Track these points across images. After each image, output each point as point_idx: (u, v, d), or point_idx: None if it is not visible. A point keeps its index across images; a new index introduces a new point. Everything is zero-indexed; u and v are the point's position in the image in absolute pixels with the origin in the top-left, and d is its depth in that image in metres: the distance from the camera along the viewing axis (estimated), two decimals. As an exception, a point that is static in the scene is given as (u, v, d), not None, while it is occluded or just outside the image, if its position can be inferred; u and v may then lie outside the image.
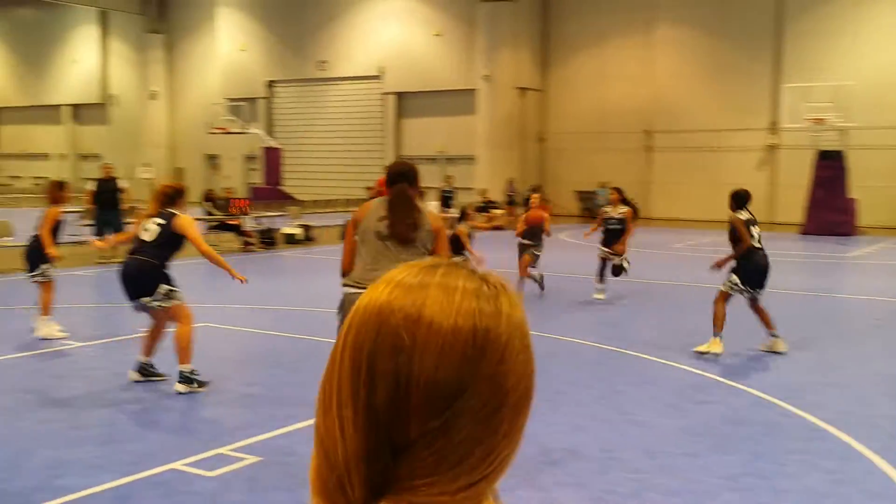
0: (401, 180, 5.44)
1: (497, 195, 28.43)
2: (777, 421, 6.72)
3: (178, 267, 7.70)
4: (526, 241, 12.55)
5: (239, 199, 20.45)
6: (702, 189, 28.69)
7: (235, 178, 36.01)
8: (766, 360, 8.89)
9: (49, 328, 9.22)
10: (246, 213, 19.61)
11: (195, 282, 12.04)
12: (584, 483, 5.35)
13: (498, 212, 25.46)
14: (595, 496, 5.14)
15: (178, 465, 5.53)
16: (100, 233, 15.48)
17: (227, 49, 38.33)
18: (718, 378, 8.00)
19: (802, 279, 15.73)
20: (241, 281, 7.47)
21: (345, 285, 5.52)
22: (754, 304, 9.01)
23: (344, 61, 35.41)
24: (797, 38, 28.22)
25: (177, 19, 40.45)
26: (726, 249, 9.15)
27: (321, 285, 12.80)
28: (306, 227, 20.90)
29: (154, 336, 7.49)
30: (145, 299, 7.28)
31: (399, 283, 0.87)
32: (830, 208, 24.12)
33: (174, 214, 7.33)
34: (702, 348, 8.87)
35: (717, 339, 8.81)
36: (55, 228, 9.31)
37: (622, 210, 12.60)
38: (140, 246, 7.32)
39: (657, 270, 16.35)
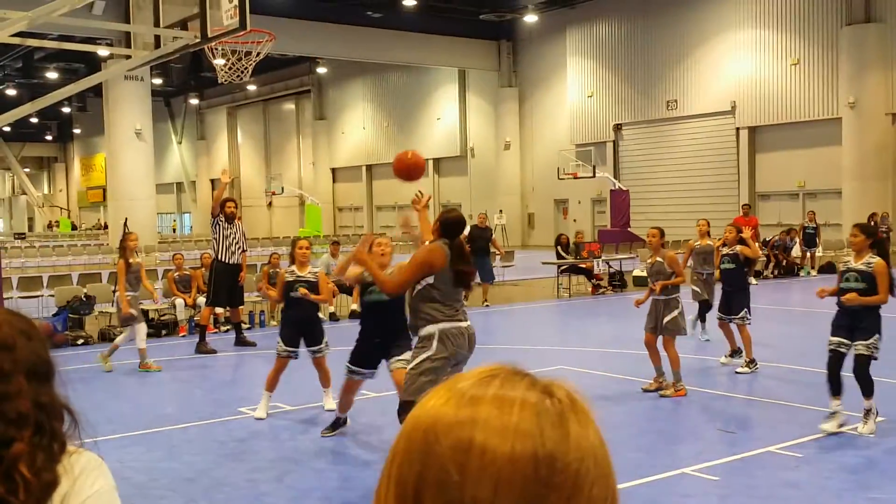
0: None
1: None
2: None
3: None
4: None
5: (590, 242, 20.74)
6: None
7: (584, 222, 36.62)
8: None
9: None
10: (598, 257, 19.80)
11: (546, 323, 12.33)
12: None
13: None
14: None
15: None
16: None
17: (576, 96, 39.33)
18: None
19: None
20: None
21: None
22: None
23: (693, 99, 34.71)
24: None
25: (528, 72, 42.36)
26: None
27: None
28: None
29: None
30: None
31: (453, 394, 0.74)
32: None
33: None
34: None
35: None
36: None
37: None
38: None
39: None
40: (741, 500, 5.74)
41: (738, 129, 33.46)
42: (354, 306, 14.45)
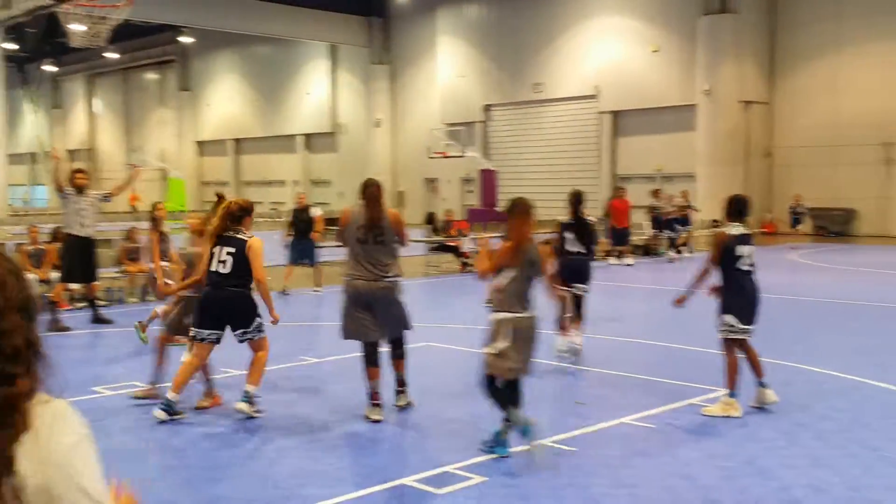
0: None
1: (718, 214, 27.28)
2: None
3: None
4: None
5: (458, 220, 20.96)
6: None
7: (453, 201, 36.94)
8: None
9: None
10: (465, 235, 20.04)
11: (417, 301, 12.40)
12: (830, 524, 4.98)
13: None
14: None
15: (408, 480, 5.70)
16: (294, 261, 15.91)
17: (447, 76, 39.52)
18: (982, 414, 7.21)
19: None
20: (274, 321, 7.19)
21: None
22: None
23: (559, 82, 35.50)
24: None
25: (400, 50, 42.24)
26: None
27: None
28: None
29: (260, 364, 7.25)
30: (244, 331, 7.14)
31: None
32: None
33: (244, 240, 7.07)
34: (713, 412, 7.12)
35: (733, 399, 7.06)
36: None
37: None
38: (222, 279, 6.99)
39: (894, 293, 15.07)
40: (596, 469, 5.94)
41: (601, 112, 34.44)
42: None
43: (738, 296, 7.08)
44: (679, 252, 22.09)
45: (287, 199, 39.80)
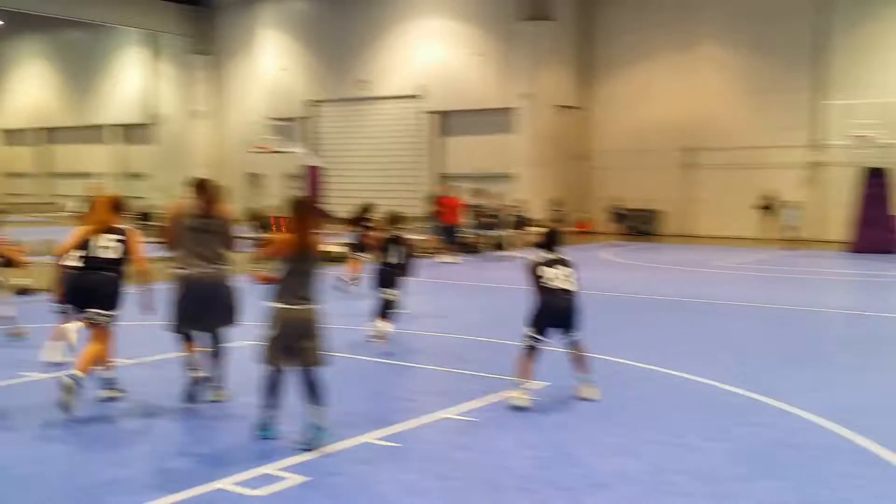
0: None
1: (538, 214, 28.27)
2: (829, 444, 6.57)
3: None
4: None
5: (281, 216, 20.58)
6: (745, 206, 28.30)
7: (277, 197, 36.27)
8: (819, 381, 8.73)
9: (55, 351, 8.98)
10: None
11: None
12: (633, 507, 5.28)
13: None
14: (645, 520, 5.07)
15: (223, 483, 5.56)
16: None
17: (270, 70, 38.81)
18: (765, 399, 7.85)
19: (855, 299, 15.45)
20: (146, 309, 7.47)
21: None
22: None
23: (385, 81, 35.64)
24: (841, 54, 27.87)
25: (222, 40, 41.05)
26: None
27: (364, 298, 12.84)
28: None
29: (103, 348, 7.46)
30: (102, 313, 7.38)
31: None
32: (877, 226, 23.77)
33: (126, 230, 7.60)
34: (514, 400, 7.58)
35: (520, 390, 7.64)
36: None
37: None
38: (101, 262, 7.40)
39: (701, 288, 16.16)
40: (416, 463, 6.03)
41: (426, 112, 34.88)
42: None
43: (540, 310, 7.75)
44: (502, 251, 22.71)
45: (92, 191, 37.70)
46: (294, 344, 6.36)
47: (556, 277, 7.75)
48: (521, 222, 23.62)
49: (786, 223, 26.06)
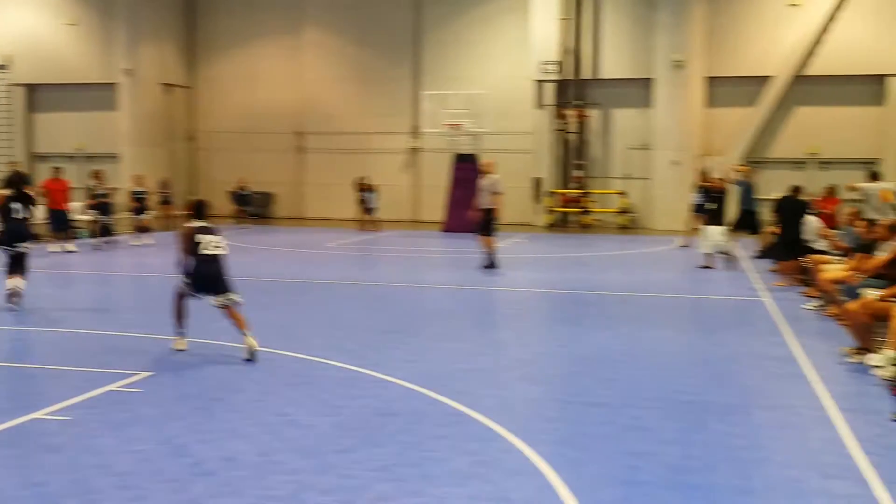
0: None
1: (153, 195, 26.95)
2: (424, 409, 7.10)
3: None
4: None
5: None
6: (350, 190, 29.54)
7: None
8: (415, 352, 9.38)
9: None
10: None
11: None
12: (241, 491, 5.26)
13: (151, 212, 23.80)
14: (252, 503, 5.09)
15: None
16: None
17: None
18: (369, 372, 8.28)
19: (444, 274, 16.83)
20: None
21: None
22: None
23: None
24: (433, 48, 30.14)
25: None
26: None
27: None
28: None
29: None
30: None
31: None
32: (468, 207, 26.08)
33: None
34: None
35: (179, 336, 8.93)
36: None
37: None
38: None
39: (311, 270, 16.59)
40: (2, 473, 5.48)
41: (13, 85, 31.64)
42: None
43: (196, 273, 8.79)
44: (113, 236, 21.22)
45: None
46: None
47: (210, 244, 8.75)
48: (166, 201, 22.92)
49: (366, 205, 26.86)
